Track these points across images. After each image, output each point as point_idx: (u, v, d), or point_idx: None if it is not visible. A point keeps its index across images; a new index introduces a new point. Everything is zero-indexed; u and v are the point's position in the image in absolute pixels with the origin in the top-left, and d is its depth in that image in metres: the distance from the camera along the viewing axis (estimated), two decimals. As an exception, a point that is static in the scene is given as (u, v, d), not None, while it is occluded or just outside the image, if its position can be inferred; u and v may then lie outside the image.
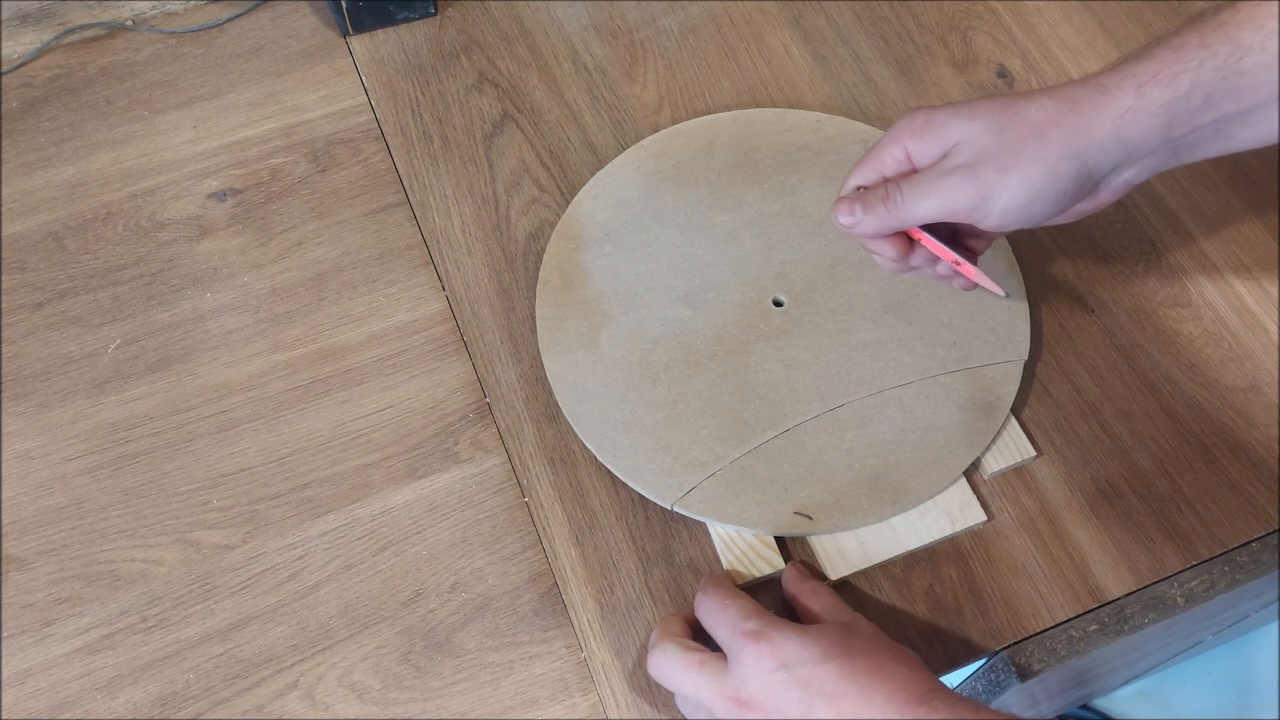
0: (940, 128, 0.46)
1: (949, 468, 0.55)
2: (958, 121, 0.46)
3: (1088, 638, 0.53)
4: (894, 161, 0.48)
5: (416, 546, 0.54)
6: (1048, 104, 0.45)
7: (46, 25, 0.69)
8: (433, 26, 0.71)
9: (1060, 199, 0.45)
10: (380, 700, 0.50)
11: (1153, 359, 0.60)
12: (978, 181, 0.45)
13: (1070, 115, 0.44)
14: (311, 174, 0.65)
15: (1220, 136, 0.44)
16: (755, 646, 0.44)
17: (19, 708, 0.50)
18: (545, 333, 0.59)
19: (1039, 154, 0.44)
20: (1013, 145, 0.44)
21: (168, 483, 0.55)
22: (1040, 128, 0.44)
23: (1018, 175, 0.45)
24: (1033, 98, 0.46)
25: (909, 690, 0.42)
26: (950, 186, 0.46)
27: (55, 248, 0.62)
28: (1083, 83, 0.45)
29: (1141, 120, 0.43)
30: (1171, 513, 0.56)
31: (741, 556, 0.53)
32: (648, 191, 0.63)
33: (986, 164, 0.45)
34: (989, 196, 0.45)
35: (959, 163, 0.46)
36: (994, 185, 0.45)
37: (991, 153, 0.45)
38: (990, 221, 0.46)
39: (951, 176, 0.46)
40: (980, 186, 0.45)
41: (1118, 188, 0.47)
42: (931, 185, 0.46)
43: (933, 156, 0.47)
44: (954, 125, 0.46)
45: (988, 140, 0.45)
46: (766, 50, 0.70)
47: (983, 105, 0.46)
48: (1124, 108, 0.43)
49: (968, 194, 0.45)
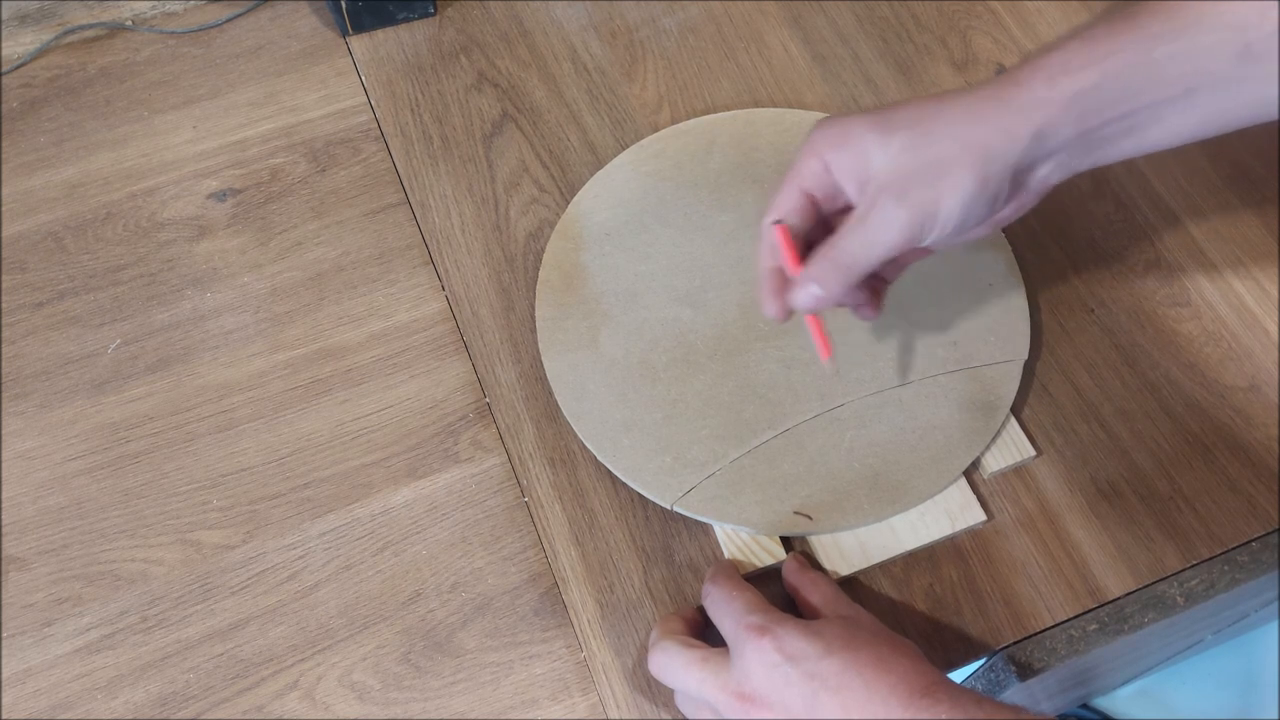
0: (857, 141, 0.44)
1: (949, 467, 0.55)
2: (875, 137, 0.44)
3: (1088, 637, 0.53)
4: (813, 175, 0.46)
5: (416, 546, 0.54)
6: (963, 104, 0.43)
7: (46, 25, 0.69)
8: (432, 26, 0.71)
9: (991, 202, 0.44)
10: (380, 700, 0.50)
11: (1152, 359, 0.60)
12: (911, 203, 0.43)
13: (987, 114, 0.43)
14: (311, 174, 0.65)
15: (1134, 132, 0.43)
16: (759, 641, 0.44)
17: (19, 708, 0.50)
18: (545, 332, 0.59)
19: (963, 158, 0.43)
20: (936, 155, 0.43)
21: (168, 483, 0.55)
22: (959, 132, 0.43)
23: (948, 185, 0.43)
24: (947, 100, 0.44)
25: (913, 683, 0.43)
26: (888, 219, 0.44)
27: (55, 248, 0.62)
28: (997, 79, 0.44)
29: (1054, 112, 0.42)
30: (1171, 512, 0.56)
31: (744, 547, 0.53)
32: (647, 191, 0.63)
33: (915, 182, 0.43)
34: (927, 215, 0.44)
35: (887, 190, 0.44)
36: (928, 202, 0.43)
37: (917, 169, 0.43)
38: (933, 238, 0.45)
39: (885, 209, 0.44)
40: (916, 208, 0.43)
41: (1037, 188, 0.46)
42: (870, 226, 0.44)
43: (851, 171, 0.45)
44: (871, 141, 0.44)
45: (909, 157, 0.43)
46: (766, 50, 0.70)
47: (898, 116, 0.44)
48: (1037, 99, 0.42)
49: (907, 219, 0.44)
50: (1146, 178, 0.66)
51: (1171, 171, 0.66)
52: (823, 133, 0.46)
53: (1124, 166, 0.66)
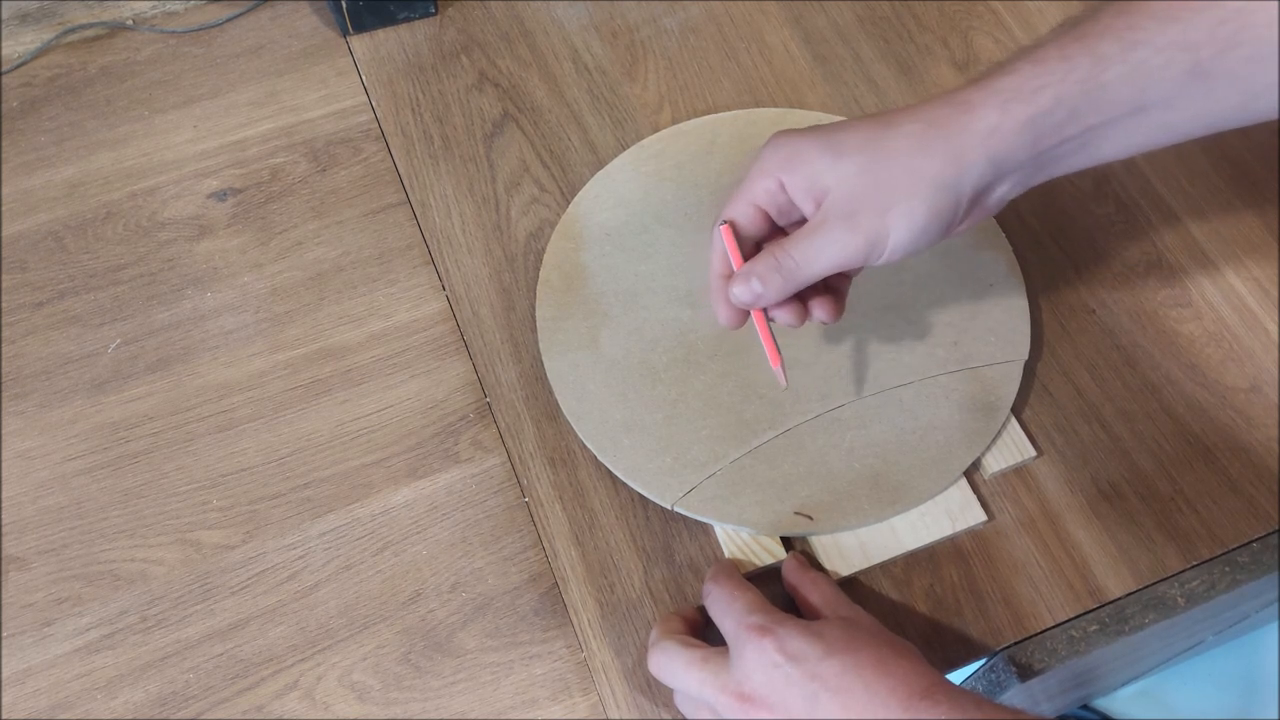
0: (809, 164, 0.44)
1: (949, 468, 0.55)
2: (827, 160, 0.44)
3: (1088, 638, 0.53)
4: (767, 194, 0.46)
5: (416, 546, 0.54)
6: (915, 130, 0.43)
7: (46, 25, 0.69)
8: (433, 26, 0.71)
9: (944, 226, 0.44)
10: (380, 700, 0.50)
11: (1153, 359, 0.60)
12: (861, 229, 0.44)
13: (939, 141, 0.43)
14: (311, 174, 0.65)
15: (1086, 149, 0.43)
16: (760, 641, 0.44)
17: (19, 708, 0.50)
18: (545, 333, 0.59)
19: (915, 189, 0.43)
20: (888, 183, 0.43)
21: (168, 483, 0.55)
22: (911, 160, 0.43)
23: (899, 214, 0.43)
24: (898, 123, 0.44)
25: (912, 684, 0.43)
26: (836, 240, 0.44)
27: (55, 248, 0.62)
28: (948, 100, 0.43)
29: (1008, 137, 0.42)
30: (1172, 513, 0.56)
31: (744, 547, 0.53)
32: (648, 191, 0.63)
33: (865, 208, 0.43)
34: (876, 241, 0.44)
35: (838, 212, 0.44)
36: (878, 230, 0.44)
37: (868, 195, 0.43)
38: (882, 260, 0.45)
39: (835, 230, 0.44)
40: (865, 234, 0.44)
41: (992, 205, 0.46)
42: (817, 243, 0.45)
43: (806, 191, 0.45)
44: (823, 165, 0.44)
45: (860, 182, 0.43)
46: (767, 50, 0.70)
47: (850, 138, 0.44)
48: (990, 126, 0.42)
49: (856, 244, 0.44)
50: (1147, 178, 0.66)
51: (1172, 172, 0.66)
52: (775, 152, 0.46)
53: (1124, 166, 0.66)
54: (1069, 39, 0.42)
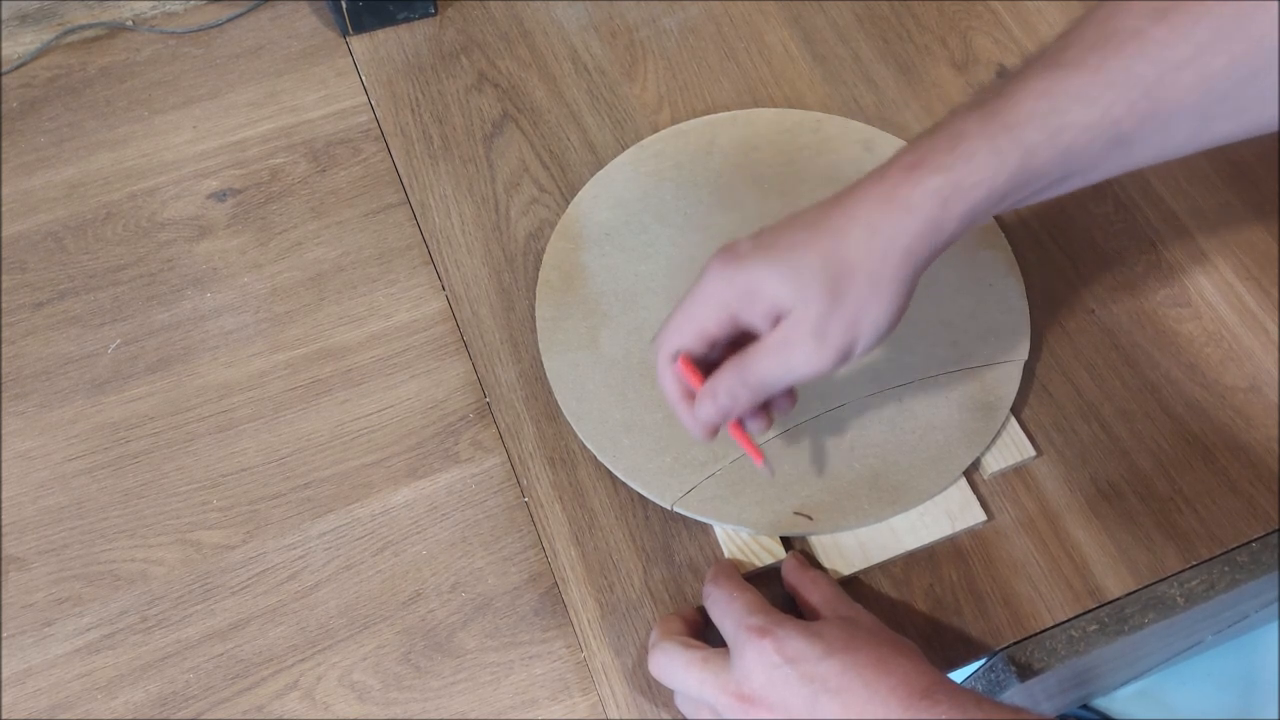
0: (768, 294, 0.44)
1: (949, 468, 0.55)
2: (787, 288, 0.44)
3: (1088, 638, 0.53)
4: (718, 324, 0.46)
5: (416, 546, 0.54)
6: (864, 238, 0.43)
7: (46, 25, 0.69)
8: (433, 26, 0.71)
9: (905, 307, 0.45)
10: (380, 700, 0.50)
11: (1153, 359, 0.60)
12: (830, 344, 0.44)
13: (890, 245, 0.43)
14: (311, 174, 0.65)
15: (1026, 203, 0.45)
16: (759, 642, 0.44)
17: (19, 708, 0.50)
18: (545, 332, 0.59)
19: (879, 295, 0.44)
20: (853, 298, 0.43)
21: (168, 483, 0.55)
22: (870, 267, 0.43)
23: (867, 324, 0.44)
24: (846, 233, 0.43)
25: (913, 684, 0.43)
26: (806, 357, 0.44)
27: (55, 248, 0.62)
28: (887, 203, 0.43)
29: (950, 227, 0.43)
30: (1171, 513, 0.56)
31: (744, 547, 0.53)
32: (647, 191, 0.63)
33: (833, 325, 0.44)
34: (847, 351, 0.44)
35: (805, 330, 0.44)
36: (848, 341, 0.44)
37: (834, 313, 0.43)
38: (847, 365, 0.46)
39: (803, 346, 0.44)
40: (835, 347, 0.44)
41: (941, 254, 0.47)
42: (784, 359, 0.44)
43: (764, 316, 0.45)
44: (784, 292, 0.44)
45: (825, 303, 0.43)
46: (766, 50, 0.70)
47: (806, 258, 0.44)
48: (933, 222, 0.43)
49: (826, 357, 0.44)
50: (1147, 178, 0.66)
51: (1172, 172, 0.66)
52: (727, 284, 0.45)
53: (1124, 167, 0.66)
54: (997, 127, 0.42)
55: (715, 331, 0.46)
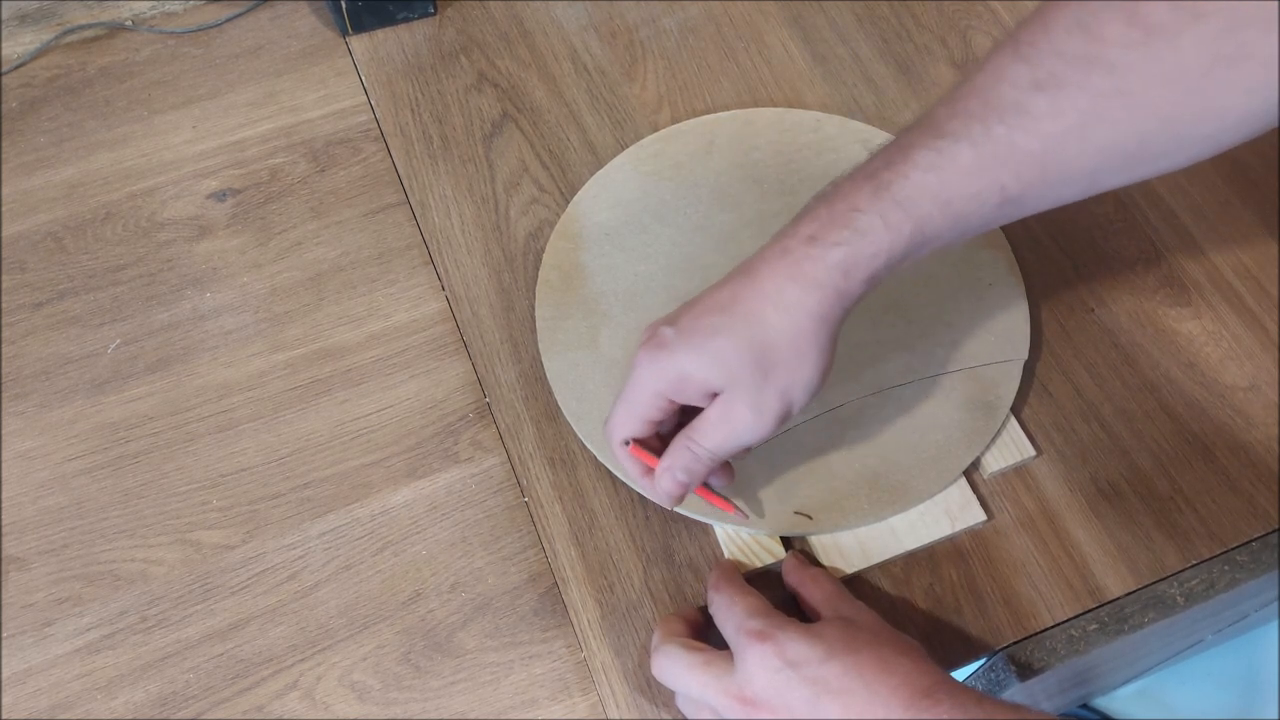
0: (690, 375, 0.46)
1: (949, 467, 0.55)
2: (705, 369, 0.45)
3: (1088, 637, 0.53)
4: (660, 410, 0.48)
5: (416, 546, 0.54)
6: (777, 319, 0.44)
7: (46, 25, 0.69)
8: (432, 26, 0.71)
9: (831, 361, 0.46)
10: (380, 700, 0.50)
11: (1152, 358, 0.60)
12: (768, 412, 0.46)
13: (803, 320, 0.44)
14: (311, 174, 0.65)
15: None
16: (760, 646, 0.45)
17: (19, 708, 0.50)
18: (545, 332, 0.59)
19: (801, 360, 0.45)
20: (774, 369, 0.45)
21: (168, 483, 0.55)
22: (787, 342, 0.45)
23: (797, 388, 0.46)
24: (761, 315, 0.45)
25: (914, 684, 0.43)
26: (747, 426, 0.46)
27: (55, 248, 0.62)
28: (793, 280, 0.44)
29: (857, 290, 0.44)
30: (1171, 512, 0.56)
31: (744, 548, 0.53)
32: (647, 191, 0.63)
33: (766, 395, 0.45)
34: (785, 414, 0.46)
35: (742, 403, 0.46)
36: (784, 405, 0.46)
37: (760, 385, 0.45)
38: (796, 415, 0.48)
39: (743, 417, 0.46)
40: (773, 414, 0.46)
41: None
42: (728, 430, 0.46)
43: (699, 395, 0.47)
44: (704, 373, 0.45)
45: (749, 379, 0.45)
46: (766, 50, 0.70)
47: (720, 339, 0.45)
48: (838, 290, 0.44)
49: (766, 424, 0.46)
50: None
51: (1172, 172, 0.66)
52: (658, 376, 0.47)
53: (1124, 166, 0.66)
54: (889, 202, 0.43)
55: (658, 416, 0.48)
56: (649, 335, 0.48)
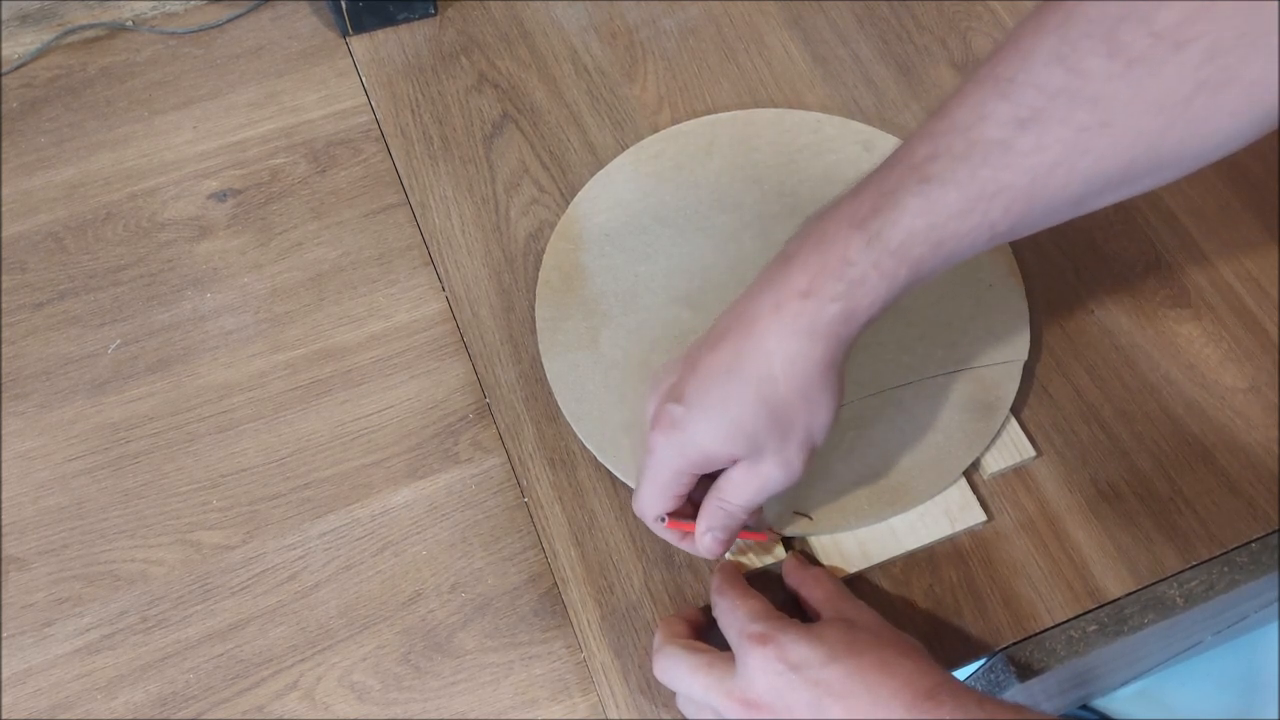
0: (710, 451, 0.46)
1: (948, 468, 0.55)
2: (724, 441, 0.46)
3: (1087, 638, 0.53)
4: (684, 485, 0.49)
5: (416, 546, 0.54)
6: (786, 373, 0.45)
7: (46, 25, 0.69)
8: (433, 27, 0.71)
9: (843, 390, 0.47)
10: (380, 700, 0.50)
11: (1152, 359, 0.60)
12: (792, 460, 0.46)
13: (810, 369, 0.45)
14: (311, 174, 0.65)
15: None
16: (762, 649, 0.45)
17: (19, 708, 0.50)
18: (545, 333, 0.59)
19: (816, 406, 0.46)
20: (793, 423, 0.46)
21: (168, 483, 0.55)
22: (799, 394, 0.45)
23: (816, 429, 0.46)
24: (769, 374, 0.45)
25: (916, 685, 0.43)
26: (774, 478, 0.47)
27: (55, 248, 0.62)
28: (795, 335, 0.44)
29: (856, 332, 0.45)
30: (1171, 513, 0.56)
31: (744, 548, 0.53)
32: (647, 192, 0.63)
33: (788, 449, 0.46)
34: (810, 454, 0.47)
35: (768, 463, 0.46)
36: (807, 452, 0.47)
37: (783, 442, 0.46)
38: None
39: (770, 470, 0.47)
40: (800, 461, 0.47)
41: None
42: (757, 485, 0.47)
43: (722, 463, 0.47)
44: (725, 446, 0.46)
45: (771, 440, 0.46)
46: (766, 51, 0.70)
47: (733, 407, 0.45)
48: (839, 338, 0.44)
49: (794, 470, 0.47)
50: (1146, 178, 0.66)
51: (1171, 172, 0.66)
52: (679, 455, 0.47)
53: (1124, 167, 0.66)
54: (880, 252, 0.43)
55: (684, 491, 0.49)
56: (658, 414, 0.48)
